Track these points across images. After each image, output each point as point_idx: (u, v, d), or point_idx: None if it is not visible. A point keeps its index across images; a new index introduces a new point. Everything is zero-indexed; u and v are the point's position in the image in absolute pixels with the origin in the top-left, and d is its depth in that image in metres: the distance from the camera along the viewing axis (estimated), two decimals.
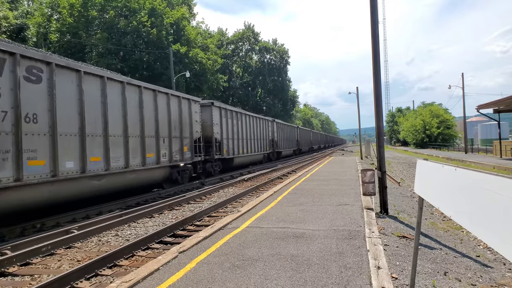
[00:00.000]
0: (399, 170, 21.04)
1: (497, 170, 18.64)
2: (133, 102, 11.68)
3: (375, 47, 8.17)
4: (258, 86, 61.41)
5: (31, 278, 5.05)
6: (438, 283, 4.12)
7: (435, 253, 5.47)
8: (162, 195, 12.61)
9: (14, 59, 7.62)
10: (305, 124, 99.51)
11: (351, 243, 5.25)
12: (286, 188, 11.53)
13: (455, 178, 2.57)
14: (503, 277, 4.71)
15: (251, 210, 7.99)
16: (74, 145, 9.08)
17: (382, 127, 8.57)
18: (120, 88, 11.08)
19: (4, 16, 26.20)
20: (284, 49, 65.11)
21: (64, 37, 29.82)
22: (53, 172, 8.34)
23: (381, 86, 8.30)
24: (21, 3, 33.38)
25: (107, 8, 30.53)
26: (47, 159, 8.23)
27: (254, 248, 5.11)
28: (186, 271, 4.27)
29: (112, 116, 10.51)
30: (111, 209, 9.99)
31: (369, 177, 8.33)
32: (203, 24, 48.30)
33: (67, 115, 8.94)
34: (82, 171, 9.22)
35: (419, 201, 3.56)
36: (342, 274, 4.04)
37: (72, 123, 9.08)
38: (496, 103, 23.51)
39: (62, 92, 8.82)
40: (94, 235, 7.26)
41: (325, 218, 6.94)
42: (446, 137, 53.40)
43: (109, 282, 4.76)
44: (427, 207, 9.13)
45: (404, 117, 70.25)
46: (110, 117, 10.42)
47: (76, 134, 9.18)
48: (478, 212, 2.10)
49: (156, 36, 30.91)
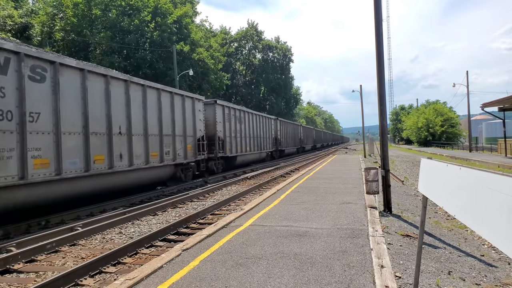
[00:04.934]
0: (402, 168, 20.96)
1: (502, 169, 18.52)
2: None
3: (379, 45, 8.13)
4: (261, 84, 61.34)
5: (36, 275, 5.09)
6: (442, 282, 4.11)
7: (439, 252, 5.45)
8: (166, 193, 12.66)
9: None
10: (308, 122, 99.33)
11: (355, 241, 5.24)
12: (289, 187, 11.52)
13: (459, 177, 2.56)
14: (507, 277, 4.68)
15: (254, 208, 8.00)
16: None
17: (386, 125, 8.53)
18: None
19: (9, 15, 26.35)
20: (287, 47, 64.92)
21: (68, 35, 29.93)
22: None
23: (385, 84, 8.27)
24: (26, 2, 33.54)
25: (111, 7, 30.60)
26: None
27: (257, 246, 5.12)
28: (189, 269, 4.29)
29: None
30: (114, 207, 10.05)
31: (373, 175, 8.30)
32: (206, 23, 48.32)
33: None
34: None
35: (422, 200, 3.55)
36: (346, 273, 4.04)
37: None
38: (501, 101, 23.32)
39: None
40: (98, 233, 7.30)
41: (328, 217, 6.93)
42: (450, 135, 53.04)
43: (113, 279, 4.79)
44: (431, 206, 9.09)
45: (408, 115, 69.88)
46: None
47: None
48: (482, 211, 2.08)
49: (159, 37, 30.97)
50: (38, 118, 8.07)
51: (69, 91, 8.99)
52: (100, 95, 10.08)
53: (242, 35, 60.49)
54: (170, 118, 13.62)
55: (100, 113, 10.02)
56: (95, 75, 9.95)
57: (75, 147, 9.06)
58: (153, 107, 12.54)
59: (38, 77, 8.14)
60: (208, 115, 17.85)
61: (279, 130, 32.46)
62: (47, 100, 8.35)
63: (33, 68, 8.03)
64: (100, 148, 9.89)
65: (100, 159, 9.84)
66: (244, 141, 22.59)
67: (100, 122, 10.00)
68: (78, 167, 9.10)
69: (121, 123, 10.88)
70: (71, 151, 8.89)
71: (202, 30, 42.10)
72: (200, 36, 37.16)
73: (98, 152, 9.81)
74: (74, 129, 9.09)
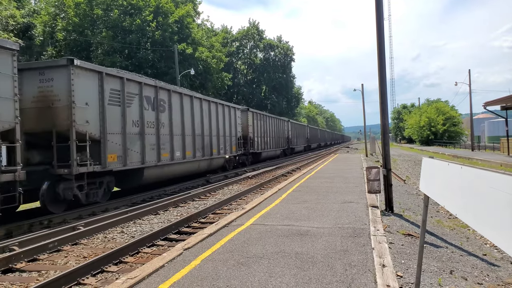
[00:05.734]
0: (404, 167, 20.92)
1: (505, 167, 18.45)
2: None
3: (380, 44, 8.11)
4: (263, 84, 61.27)
5: (38, 274, 5.11)
6: (444, 281, 4.10)
7: (440, 251, 5.44)
8: (168, 192, 12.69)
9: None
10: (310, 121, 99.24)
11: (356, 241, 5.23)
12: (291, 186, 11.52)
13: (460, 176, 2.55)
14: (510, 276, 4.67)
15: (256, 208, 8.00)
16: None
17: (387, 124, 8.51)
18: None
19: (11, 15, 26.39)
20: (288, 46, 64.80)
21: (70, 35, 29.98)
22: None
23: (386, 83, 8.24)
24: (28, 2, 33.59)
25: (112, 6, 30.63)
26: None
27: (258, 246, 5.12)
28: (191, 268, 4.29)
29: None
30: (116, 206, 10.08)
31: (374, 174, 8.29)
32: (208, 22, 48.28)
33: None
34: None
35: (424, 199, 3.54)
36: (347, 272, 4.03)
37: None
38: (503, 100, 23.23)
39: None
40: (100, 232, 7.32)
41: (330, 216, 6.93)
42: (452, 134, 52.86)
43: (115, 278, 4.80)
44: (432, 205, 9.07)
45: (409, 114, 69.67)
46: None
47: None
48: (484, 211, 2.08)
49: (160, 37, 30.99)
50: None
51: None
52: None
53: (243, 34, 60.41)
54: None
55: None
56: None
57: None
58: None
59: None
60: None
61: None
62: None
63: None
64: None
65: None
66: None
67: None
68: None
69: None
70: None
71: (204, 29, 42.07)
72: (201, 35, 37.14)
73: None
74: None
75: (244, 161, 22.79)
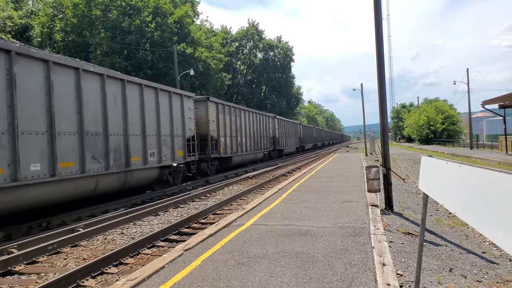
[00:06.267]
0: (404, 166, 20.93)
1: (503, 166, 18.48)
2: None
3: (379, 44, 8.12)
4: (262, 84, 61.29)
5: (37, 277, 5.10)
6: (443, 279, 4.11)
7: (440, 249, 5.45)
8: (168, 193, 12.68)
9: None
10: (310, 121, 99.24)
11: (356, 240, 5.24)
12: (291, 186, 11.52)
13: (459, 174, 2.55)
14: (509, 274, 4.68)
15: (256, 208, 8.00)
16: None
17: (387, 123, 8.52)
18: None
19: (9, 16, 26.38)
20: (288, 47, 64.82)
21: (68, 36, 29.95)
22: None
23: (385, 83, 8.25)
24: (26, 3, 33.55)
25: (111, 7, 30.61)
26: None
27: (259, 246, 5.12)
28: (191, 269, 4.29)
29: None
30: (116, 208, 10.07)
31: (374, 173, 8.30)
32: (207, 23, 48.28)
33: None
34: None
35: (423, 197, 3.54)
36: (347, 271, 4.04)
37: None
38: (501, 99, 23.26)
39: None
40: (99, 234, 7.31)
41: (330, 215, 6.93)
42: (451, 133, 52.94)
43: (115, 280, 4.79)
44: (432, 203, 9.08)
45: (409, 113, 69.76)
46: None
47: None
48: (483, 209, 2.08)
49: (160, 38, 30.97)
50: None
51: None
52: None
53: (242, 34, 60.42)
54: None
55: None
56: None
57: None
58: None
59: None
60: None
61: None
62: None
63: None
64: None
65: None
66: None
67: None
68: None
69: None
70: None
71: (203, 30, 42.07)
72: (200, 35, 37.12)
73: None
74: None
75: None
